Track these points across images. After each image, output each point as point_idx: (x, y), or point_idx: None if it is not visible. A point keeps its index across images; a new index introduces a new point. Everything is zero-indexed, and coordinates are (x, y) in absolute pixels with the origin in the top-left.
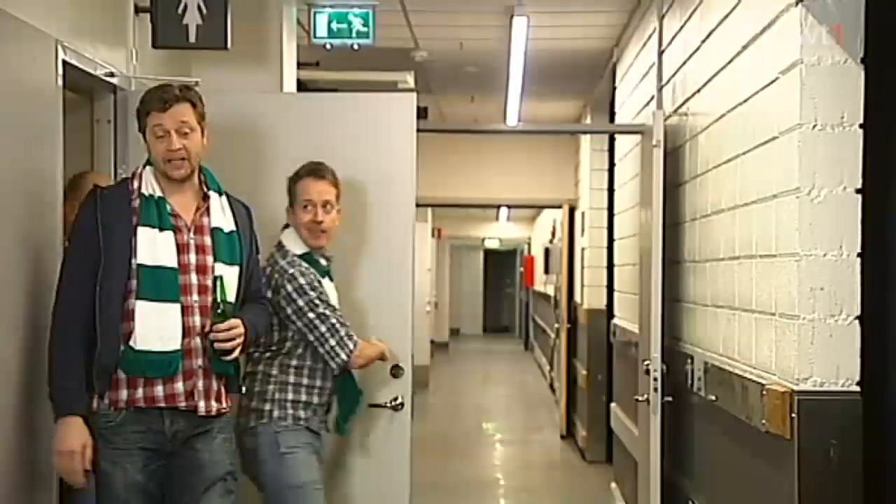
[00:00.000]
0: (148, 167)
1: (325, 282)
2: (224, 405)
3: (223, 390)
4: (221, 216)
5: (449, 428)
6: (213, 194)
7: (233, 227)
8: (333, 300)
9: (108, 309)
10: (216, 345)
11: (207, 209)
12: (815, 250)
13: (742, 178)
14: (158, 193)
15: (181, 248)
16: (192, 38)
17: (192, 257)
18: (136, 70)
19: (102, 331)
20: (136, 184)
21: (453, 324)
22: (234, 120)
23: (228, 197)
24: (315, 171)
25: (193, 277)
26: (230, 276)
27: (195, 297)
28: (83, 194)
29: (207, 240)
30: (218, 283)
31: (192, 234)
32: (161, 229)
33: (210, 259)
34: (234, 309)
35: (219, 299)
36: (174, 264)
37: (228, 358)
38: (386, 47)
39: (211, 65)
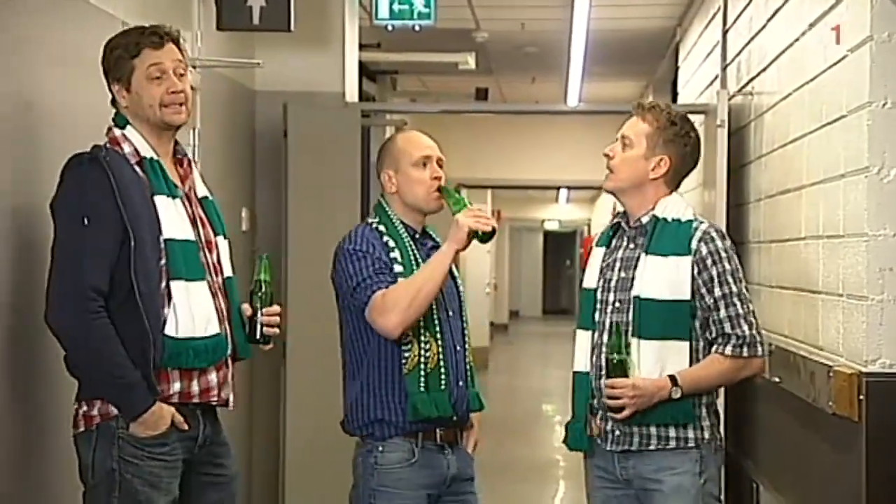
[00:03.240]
0: (129, 127)
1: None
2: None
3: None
4: (201, 183)
5: (508, 410)
6: (189, 157)
7: (209, 194)
8: None
9: (149, 295)
10: (266, 329)
11: (192, 176)
12: (885, 230)
13: (809, 158)
14: (155, 156)
15: (191, 221)
16: (256, 21)
17: (200, 231)
18: (200, 52)
19: (151, 320)
20: (127, 147)
21: (512, 306)
22: None
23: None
24: None
25: (208, 254)
26: (226, 249)
27: (212, 276)
28: (400, 160)
29: (201, 210)
30: (263, 262)
31: (190, 205)
32: (173, 198)
33: (211, 232)
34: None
35: (262, 279)
36: (193, 237)
37: (268, 347)
38: (447, 28)
39: (274, 47)
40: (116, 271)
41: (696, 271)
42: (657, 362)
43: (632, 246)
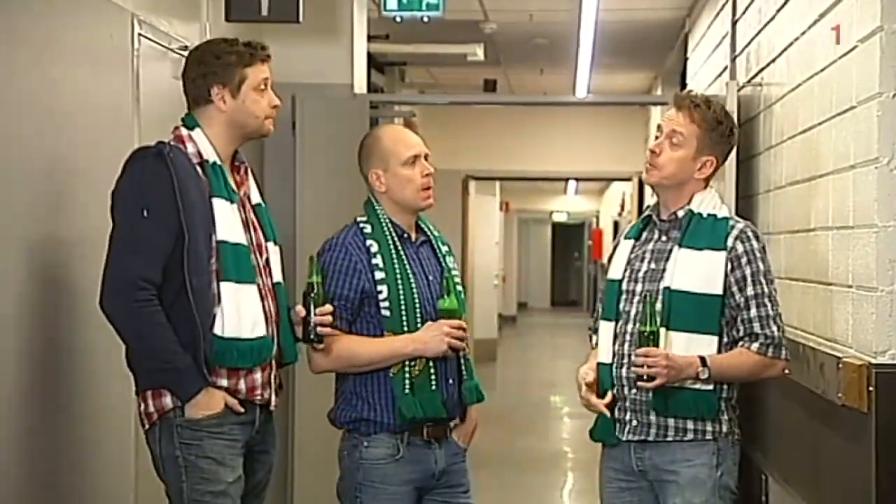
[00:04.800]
0: (197, 129)
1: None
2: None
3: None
4: (256, 190)
5: (517, 401)
6: (246, 165)
7: (263, 202)
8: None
9: (200, 291)
10: (319, 329)
11: (247, 182)
12: (894, 221)
13: (818, 149)
14: (219, 161)
15: (243, 224)
16: (265, 12)
17: (252, 235)
18: None
19: (201, 315)
20: (191, 148)
21: (521, 297)
22: None
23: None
24: None
25: (258, 258)
26: (277, 255)
27: (263, 279)
28: (388, 160)
29: (253, 215)
30: (315, 264)
31: (243, 210)
32: (231, 202)
33: (262, 237)
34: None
35: (315, 281)
36: (245, 241)
37: (321, 347)
38: (455, 19)
39: (282, 38)
40: (170, 266)
41: (729, 268)
42: (686, 354)
43: (664, 238)
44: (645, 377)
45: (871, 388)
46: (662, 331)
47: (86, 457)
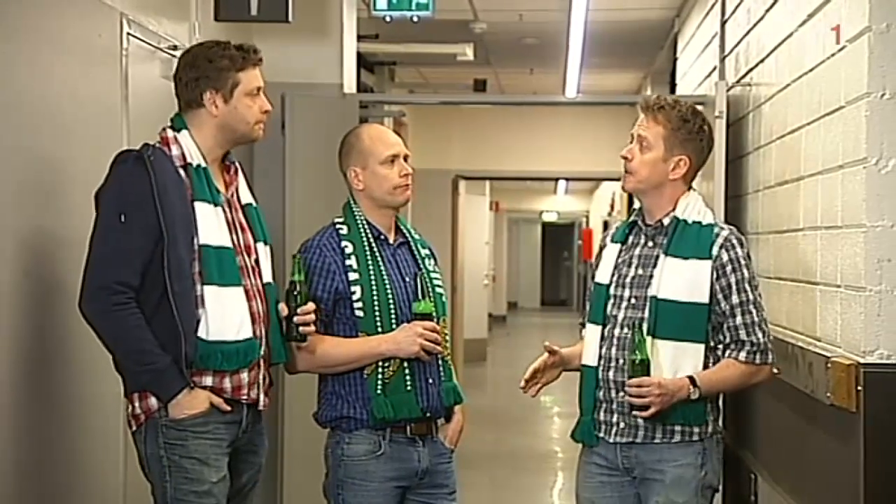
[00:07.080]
0: (184, 132)
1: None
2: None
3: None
4: (246, 190)
5: (507, 401)
6: (236, 165)
7: (254, 201)
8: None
9: (182, 295)
10: (302, 329)
11: (237, 183)
12: (883, 221)
13: (807, 149)
14: (203, 164)
15: (229, 226)
16: (254, 11)
17: (240, 236)
18: None
19: (184, 319)
20: (175, 150)
21: (511, 297)
22: None
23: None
24: None
25: (246, 259)
26: (266, 256)
27: (251, 279)
28: (368, 158)
29: (241, 216)
30: (298, 263)
31: (231, 211)
32: (215, 205)
33: (251, 237)
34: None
35: (297, 279)
36: (230, 244)
37: (304, 345)
38: (445, 19)
39: (272, 38)
40: (150, 270)
41: (715, 276)
42: (672, 363)
43: (650, 244)
44: (640, 407)
45: (859, 388)
46: (649, 340)
47: (75, 456)
